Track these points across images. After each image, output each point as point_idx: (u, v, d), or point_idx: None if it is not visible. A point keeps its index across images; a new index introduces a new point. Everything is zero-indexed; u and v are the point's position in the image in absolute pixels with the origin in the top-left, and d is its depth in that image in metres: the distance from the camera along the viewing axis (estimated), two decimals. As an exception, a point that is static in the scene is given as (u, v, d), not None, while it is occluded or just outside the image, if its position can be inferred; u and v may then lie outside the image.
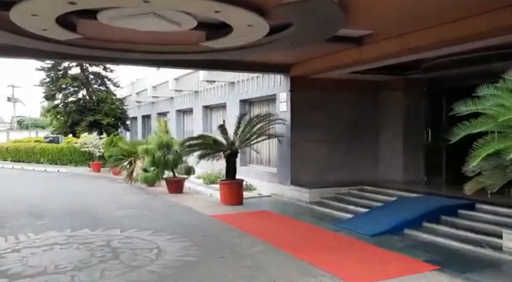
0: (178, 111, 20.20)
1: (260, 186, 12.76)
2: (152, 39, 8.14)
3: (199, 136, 11.31)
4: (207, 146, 11.03)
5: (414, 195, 9.77)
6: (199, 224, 8.92)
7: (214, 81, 14.62)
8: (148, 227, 8.42)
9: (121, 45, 8.40)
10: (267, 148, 13.08)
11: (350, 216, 9.10)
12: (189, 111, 18.99)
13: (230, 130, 11.30)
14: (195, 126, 17.86)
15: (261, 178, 12.90)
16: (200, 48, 8.31)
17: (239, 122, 11.24)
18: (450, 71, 10.89)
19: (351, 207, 9.77)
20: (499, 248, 6.54)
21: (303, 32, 7.18)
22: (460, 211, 8.27)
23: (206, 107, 17.21)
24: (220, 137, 11.23)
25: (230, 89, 14.78)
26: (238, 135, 11.16)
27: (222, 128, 11.01)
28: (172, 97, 20.40)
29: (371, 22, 7.62)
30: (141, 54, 8.94)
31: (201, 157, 11.01)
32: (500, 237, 6.85)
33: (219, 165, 12.97)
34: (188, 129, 19.62)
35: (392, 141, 12.21)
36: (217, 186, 13.79)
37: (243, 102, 14.24)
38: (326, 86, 11.83)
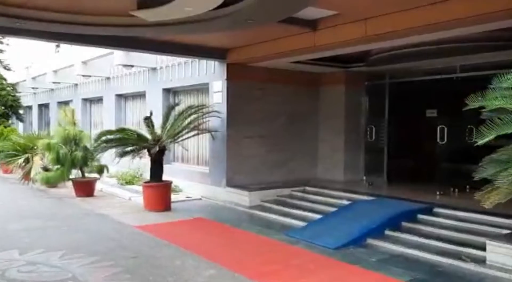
0: (84, 100, 17.74)
1: (188, 187, 11.23)
2: (66, 6, 6.30)
3: (119, 130, 9.48)
4: (129, 142, 9.27)
5: (363, 197, 8.97)
6: (124, 238, 7.22)
7: (132, 66, 12.70)
8: (57, 246, 6.57)
9: (23, 11, 6.42)
10: (195, 144, 11.57)
11: (301, 223, 8.01)
12: (98, 100, 16.71)
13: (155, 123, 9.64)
14: (106, 118, 15.70)
15: (189, 178, 11.38)
16: (126, 20, 6.64)
17: (168, 114, 9.62)
18: (394, 66, 10.30)
19: (298, 212, 8.71)
20: (481, 262, 5.82)
21: (262, 6, 5.89)
22: (420, 216, 7.58)
23: (119, 97, 15.14)
24: (144, 132, 9.52)
25: (151, 76, 12.97)
26: (166, 130, 9.53)
27: (149, 121, 9.31)
28: (77, 84, 17.89)
29: (338, 0, 6.55)
30: (48, 24, 6.98)
31: (122, 154, 9.22)
32: (473, 246, 6.21)
33: (136, 163, 11.17)
34: (96, 121, 17.31)
35: (332, 138, 11.39)
36: (135, 187, 12.12)
37: (167, 91, 12.54)
38: (266, 76, 10.66)
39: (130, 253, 6.34)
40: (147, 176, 12.28)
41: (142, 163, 10.95)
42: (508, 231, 6.42)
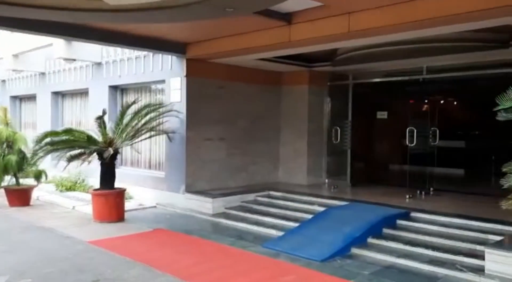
0: (14, 98, 15.97)
1: (140, 194, 10.23)
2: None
3: (66, 131, 8.30)
4: (78, 144, 8.16)
5: (334, 202, 8.53)
6: (78, 258, 6.20)
7: (75, 60, 11.43)
8: (-3, 270, 5.47)
9: None
10: (148, 146, 10.58)
11: (275, 232, 7.40)
12: (31, 98, 15.08)
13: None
14: (40, 118, 14.17)
15: (141, 184, 10.37)
16: (81, 3, 5.69)
17: (123, 114, 8.62)
18: (359, 66, 10.02)
19: (269, 220, 8.09)
20: (479, 271, 5.52)
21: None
22: (399, 222, 7.25)
23: (56, 94, 13.70)
24: (94, 134, 8.45)
25: (96, 71, 11.77)
26: (120, 130, 8.52)
27: (101, 121, 8.25)
28: (4, 80, 16.07)
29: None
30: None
31: (70, 159, 8.08)
32: (465, 254, 5.93)
33: (77, 167, 9.93)
34: (27, 122, 15.62)
35: (295, 141, 10.91)
36: (77, 194, 10.95)
37: (114, 89, 11.43)
38: (227, 74, 9.96)
39: (89, 276, 5.38)
40: (90, 181, 11.20)
41: (86, 168, 9.77)
42: (498, 237, 6.21)
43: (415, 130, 9.16)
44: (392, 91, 10.58)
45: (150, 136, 9.21)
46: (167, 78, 9.75)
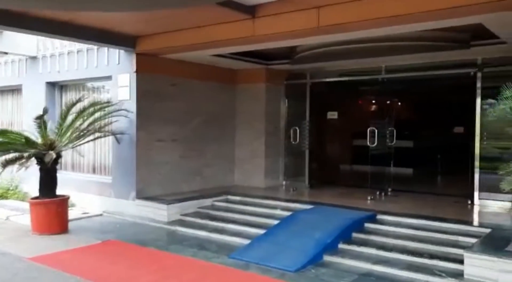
0: None
1: (83, 201, 9.32)
2: None
3: (0, 133, 7.28)
4: (14, 147, 7.18)
5: (297, 205, 8.17)
6: (18, 278, 5.35)
7: (6, 53, 10.25)
8: None
9: None
10: (91, 148, 9.67)
11: (239, 240, 6.89)
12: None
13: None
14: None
15: (84, 189, 9.46)
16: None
17: (66, 113, 7.72)
18: (317, 65, 9.77)
19: (231, 227, 7.57)
20: (458, 276, 5.34)
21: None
22: (366, 225, 7.01)
23: (-17, 91, 12.33)
24: (32, 135, 7.50)
25: (30, 66, 10.64)
26: (62, 131, 7.63)
27: (41, 121, 7.32)
28: None
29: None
30: None
31: (6, 164, 7.08)
32: (440, 257, 5.75)
33: (9, 172, 8.84)
34: None
35: (251, 141, 10.45)
36: (10, 202, 9.89)
37: (52, 85, 10.39)
38: (180, 71, 9.32)
39: (34, 301, 4.61)
40: (25, 187, 10.14)
41: (20, 173, 8.70)
42: (468, 239, 6.13)
43: (376, 131, 9.00)
44: (350, 91, 10.44)
45: (96, 138, 8.37)
46: (114, 75, 8.93)
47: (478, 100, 8.26)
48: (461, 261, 5.44)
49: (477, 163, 8.24)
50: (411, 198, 9.23)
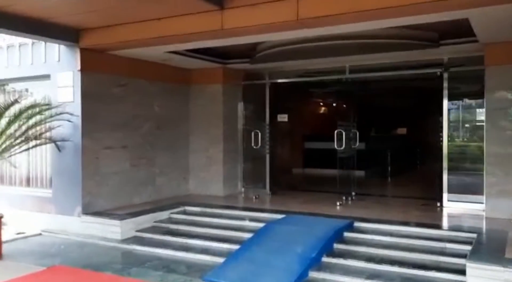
0: None
1: (16, 219, 8.03)
2: None
3: None
4: None
5: (265, 215, 7.54)
6: None
7: None
8: None
9: None
10: (26, 158, 8.41)
11: (210, 258, 6.11)
12: None
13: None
14: None
15: (18, 205, 8.20)
16: None
17: (-2, 117, 6.54)
18: (278, 64, 9.25)
19: (196, 242, 6.77)
20: (458, 287, 4.99)
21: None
22: (346, 235, 6.53)
23: None
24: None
25: None
26: (-7, 139, 6.43)
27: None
28: None
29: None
30: None
31: None
32: (436, 268, 5.37)
33: None
34: None
35: (207, 147, 9.68)
36: None
37: (-26, 86, 8.97)
38: (129, 69, 8.39)
39: None
40: None
41: None
42: (454, 245, 5.85)
43: (343, 133, 8.59)
44: (312, 92, 10.00)
45: (34, 146, 7.21)
46: (53, 73, 7.81)
47: (445, 101, 8.12)
48: (458, 271, 5.11)
49: (445, 164, 8.08)
50: (376, 202, 8.96)
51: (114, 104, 8.08)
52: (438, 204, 8.09)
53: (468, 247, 5.61)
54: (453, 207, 7.94)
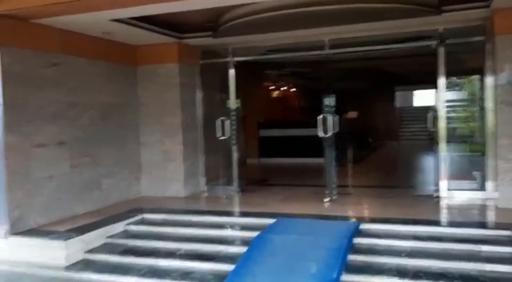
0: None
1: None
2: None
3: None
4: None
5: (248, 220, 6.19)
6: None
7: None
8: None
9: None
10: None
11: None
12: None
13: None
14: None
15: None
16: None
17: None
18: (244, 39, 7.85)
19: (168, 263, 5.23)
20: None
21: None
22: (356, 241, 5.34)
23: None
24: None
25: None
26: None
27: None
28: None
29: None
30: None
31: None
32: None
33: None
34: None
35: (163, 140, 8.06)
36: None
37: None
38: (62, 44, 6.55)
39: None
40: None
41: None
42: (492, 247, 4.87)
43: (329, 118, 7.36)
44: (285, 72, 8.68)
45: None
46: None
47: (442, 78, 7.17)
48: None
49: (443, 146, 7.15)
50: (365, 194, 7.97)
51: (45, 89, 6.25)
52: (435, 195, 7.17)
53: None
54: (454, 197, 7.06)
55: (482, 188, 6.94)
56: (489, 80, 6.75)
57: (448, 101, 7.18)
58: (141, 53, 8.00)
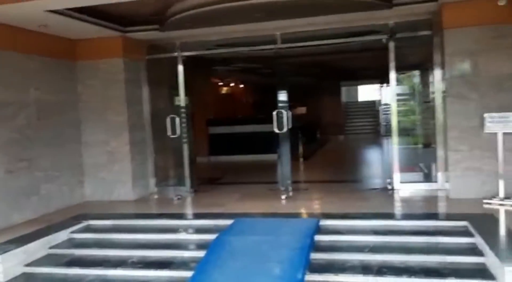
0: None
1: None
2: None
3: None
4: None
5: (202, 223, 5.91)
6: None
7: None
8: None
9: None
10: None
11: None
12: None
13: None
14: None
15: None
16: None
17: None
18: (194, 32, 7.54)
19: (118, 273, 4.84)
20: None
21: None
22: (317, 238, 5.21)
23: None
24: None
25: None
26: None
27: None
28: None
29: None
30: None
31: None
32: (448, 274, 4.31)
33: None
34: None
35: (108, 139, 7.57)
36: None
37: None
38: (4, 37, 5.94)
39: None
40: None
41: None
42: (448, 239, 4.89)
43: (285, 114, 7.19)
44: (236, 67, 8.42)
45: None
46: None
47: (392, 71, 7.22)
48: (481, 275, 4.11)
49: (395, 139, 7.21)
50: (320, 190, 7.87)
51: (-27, 86, 5.64)
52: (389, 187, 7.22)
53: (470, 240, 4.74)
54: (406, 189, 7.14)
55: (432, 179, 7.06)
56: (437, 73, 6.87)
57: (398, 95, 7.24)
58: (81, 47, 7.45)
